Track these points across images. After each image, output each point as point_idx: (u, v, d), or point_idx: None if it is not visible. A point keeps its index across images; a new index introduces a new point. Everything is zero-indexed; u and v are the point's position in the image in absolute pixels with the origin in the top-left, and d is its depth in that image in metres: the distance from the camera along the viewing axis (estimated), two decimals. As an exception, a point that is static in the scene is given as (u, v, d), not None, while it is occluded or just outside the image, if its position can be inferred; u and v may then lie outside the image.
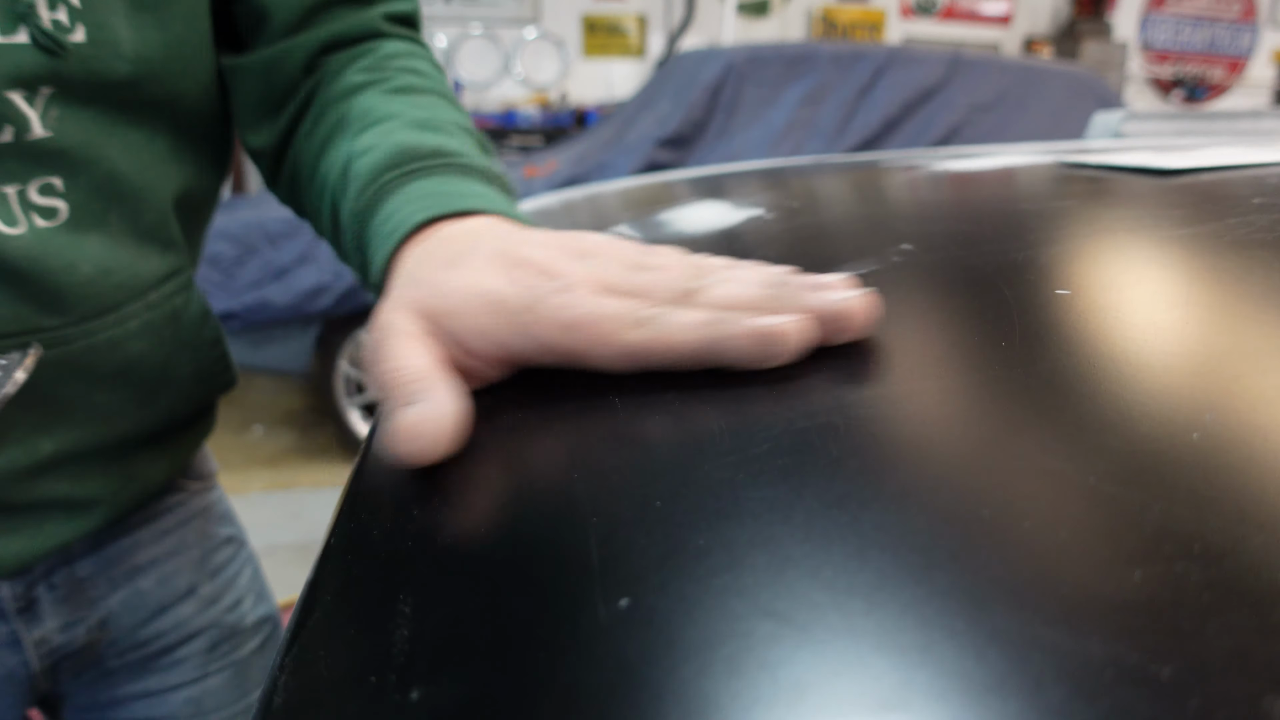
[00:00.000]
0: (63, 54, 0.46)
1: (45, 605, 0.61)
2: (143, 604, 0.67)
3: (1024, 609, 0.19)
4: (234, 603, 0.75)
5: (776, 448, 0.28)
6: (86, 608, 0.63)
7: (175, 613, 0.69)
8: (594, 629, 0.21)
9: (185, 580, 0.70)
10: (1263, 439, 0.25)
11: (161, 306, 0.56)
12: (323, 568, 0.29)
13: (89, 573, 0.63)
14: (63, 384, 0.52)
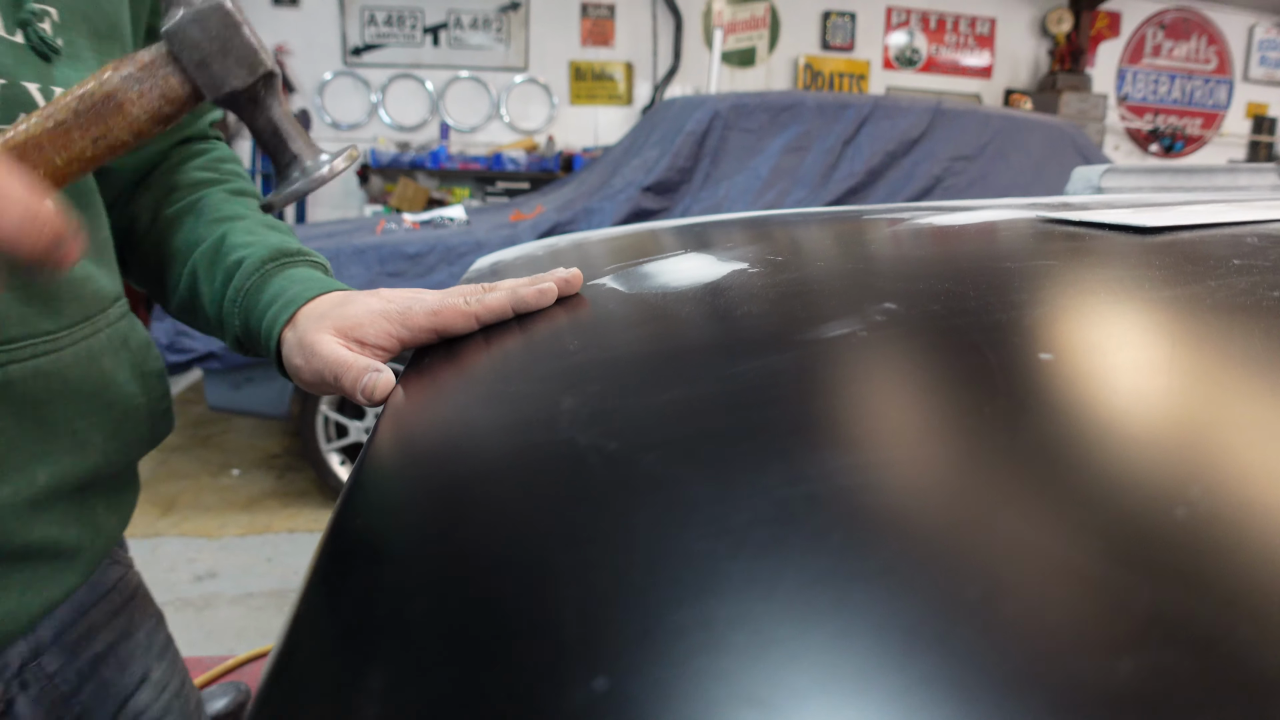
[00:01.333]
0: (54, 59, 0.51)
1: (21, 707, 0.60)
2: (109, 695, 0.67)
3: (1011, 699, 0.18)
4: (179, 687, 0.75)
5: (757, 517, 0.27)
6: (61, 706, 0.63)
7: (135, 702, 0.69)
8: (569, 712, 0.20)
9: (139, 666, 0.70)
10: (1249, 516, 0.25)
11: (118, 325, 0.64)
12: (292, 637, 0.28)
13: (57, 666, 0.62)
14: (53, 403, 0.56)
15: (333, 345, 0.56)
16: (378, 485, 0.38)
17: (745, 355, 0.43)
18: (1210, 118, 7.30)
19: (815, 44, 6.43)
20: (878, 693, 0.19)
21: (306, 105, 5.59)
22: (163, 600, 2.36)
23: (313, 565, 0.32)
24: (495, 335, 0.54)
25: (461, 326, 0.55)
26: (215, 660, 2.05)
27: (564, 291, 0.59)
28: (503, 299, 0.55)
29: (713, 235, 0.91)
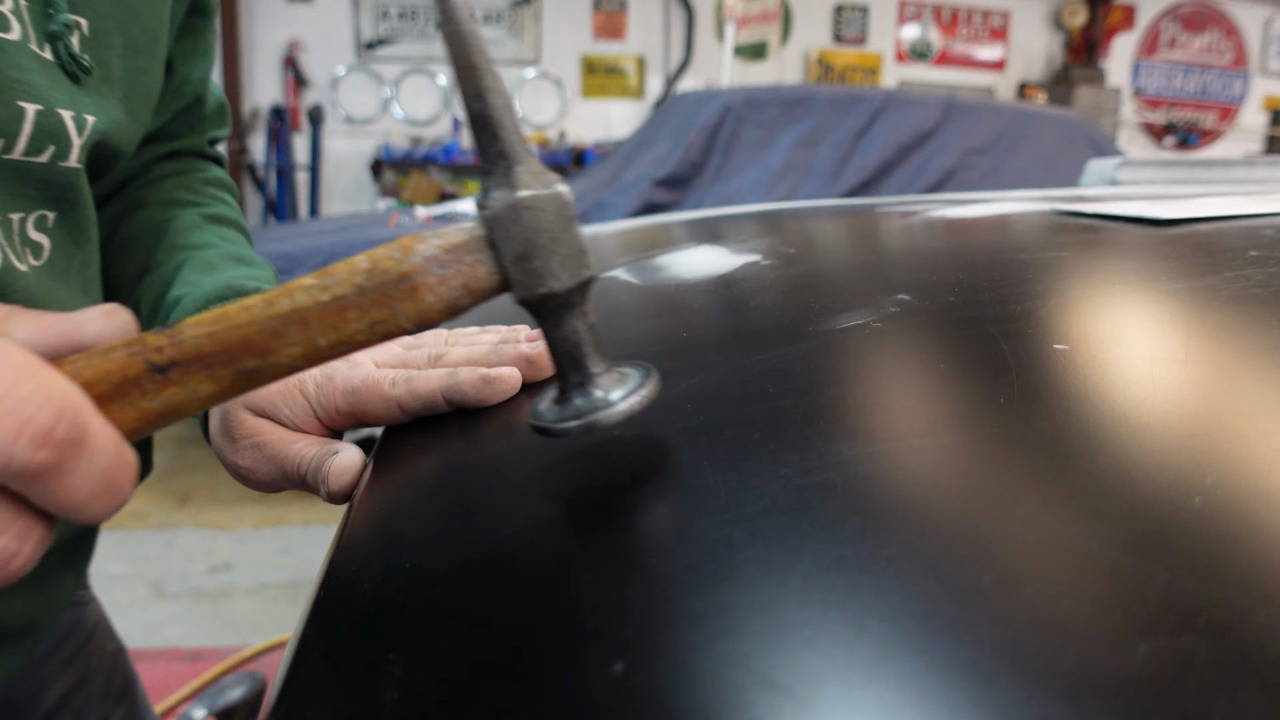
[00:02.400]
0: (83, 80, 0.46)
1: None
2: None
3: (1028, 684, 0.18)
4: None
5: (773, 505, 0.27)
6: None
7: None
8: (588, 696, 0.21)
9: (96, 714, 0.67)
10: (1265, 505, 0.25)
11: None
12: (312, 623, 0.28)
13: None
14: None
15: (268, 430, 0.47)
16: (395, 476, 0.38)
17: (760, 346, 0.43)
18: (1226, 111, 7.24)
19: (827, 37, 6.40)
20: (894, 676, 0.19)
21: (320, 100, 5.60)
22: (179, 591, 2.38)
23: (331, 553, 0.33)
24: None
25: (381, 412, 0.45)
26: (231, 650, 2.06)
27: (533, 375, 0.45)
28: (433, 387, 0.43)
29: (725, 228, 0.91)
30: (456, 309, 0.34)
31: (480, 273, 0.33)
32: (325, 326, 0.32)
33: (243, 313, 0.32)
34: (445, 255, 0.33)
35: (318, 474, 0.43)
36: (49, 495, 0.26)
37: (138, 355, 0.30)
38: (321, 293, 0.32)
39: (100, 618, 0.71)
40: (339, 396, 0.45)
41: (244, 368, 0.32)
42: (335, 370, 0.46)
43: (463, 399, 0.43)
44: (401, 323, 0.33)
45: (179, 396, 0.31)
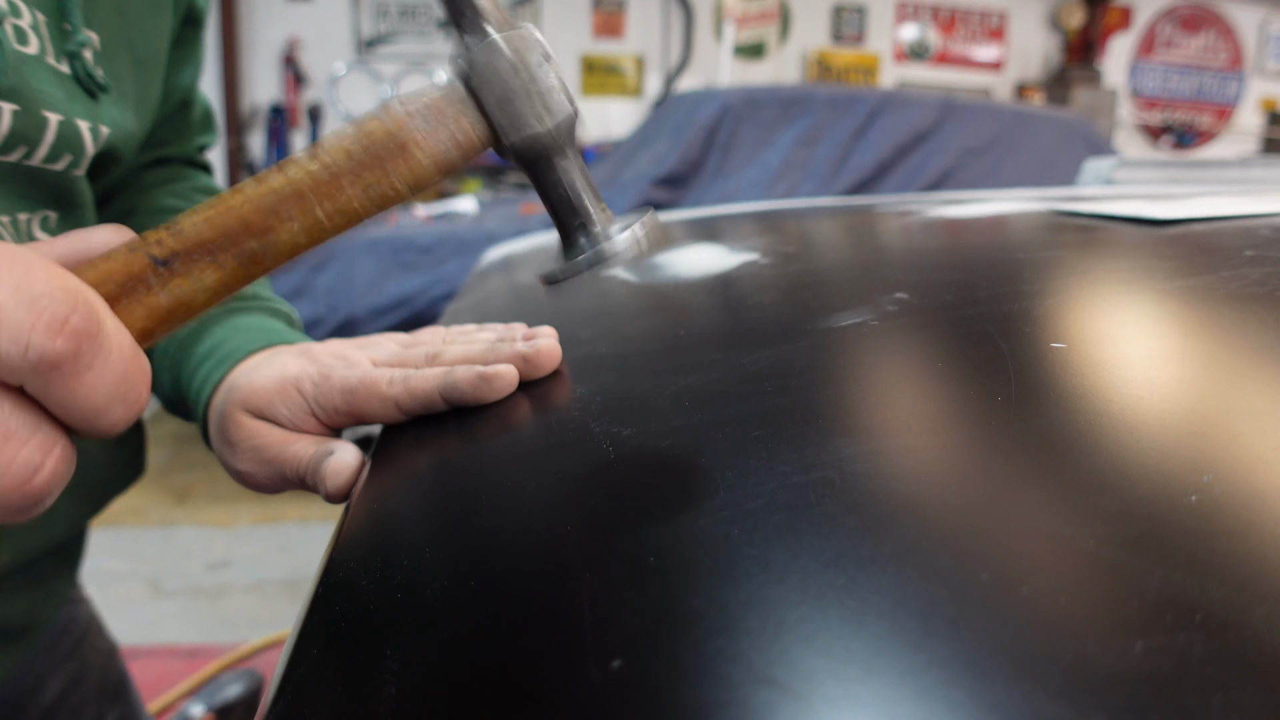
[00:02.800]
0: (100, 96, 0.48)
1: None
2: None
3: (1025, 680, 0.18)
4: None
5: (771, 502, 0.28)
6: None
7: None
8: (586, 691, 0.21)
9: (90, 714, 0.67)
10: (1261, 502, 0.25)
11: None
12: (310, 620, 0.28)
13: None
14: None
15: (264, 432, 0.46)
16: (393, 472, 0.38)
17: (758, 344, 0.43)
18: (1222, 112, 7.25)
19: (826, 37, 6.40)
20: (892, 673, 0.19)
21: (319, 98, 5.60)
22: (176, 588, 2.38)
23: (330, 550, 0.33)
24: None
25: (379, 411, 0.44)
26: (229, 648, 2.06)
27: (530, 373, 0.44)
28: (430, 385, 0.43)
29: (724, 227, 0.91)
30: (448, 165, 0.34)
31: (465, 124, 0.34)
32: (321, 196, 0.32)
33: (237, 195, 0.32)
34: (429, 110, 0.33)
35: (315, 474, 0.43)
36: (68, 394, 0.26)
37: (139, 251, 0.30)
38: (312, 163, 0.32)
39: (92, 616, 0.71)
40: (336, 395, 0.45)
41: (246, 249, 0.32)
42: (332, 369, 0.46)
43: (460, 397, 0.43)
44: (395, 184, 0.33)
45: (185, 288, 0.31)
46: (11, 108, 0.42)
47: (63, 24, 0.45)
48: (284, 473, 0.45)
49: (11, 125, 0.42)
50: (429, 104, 0.33)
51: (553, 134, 0.34)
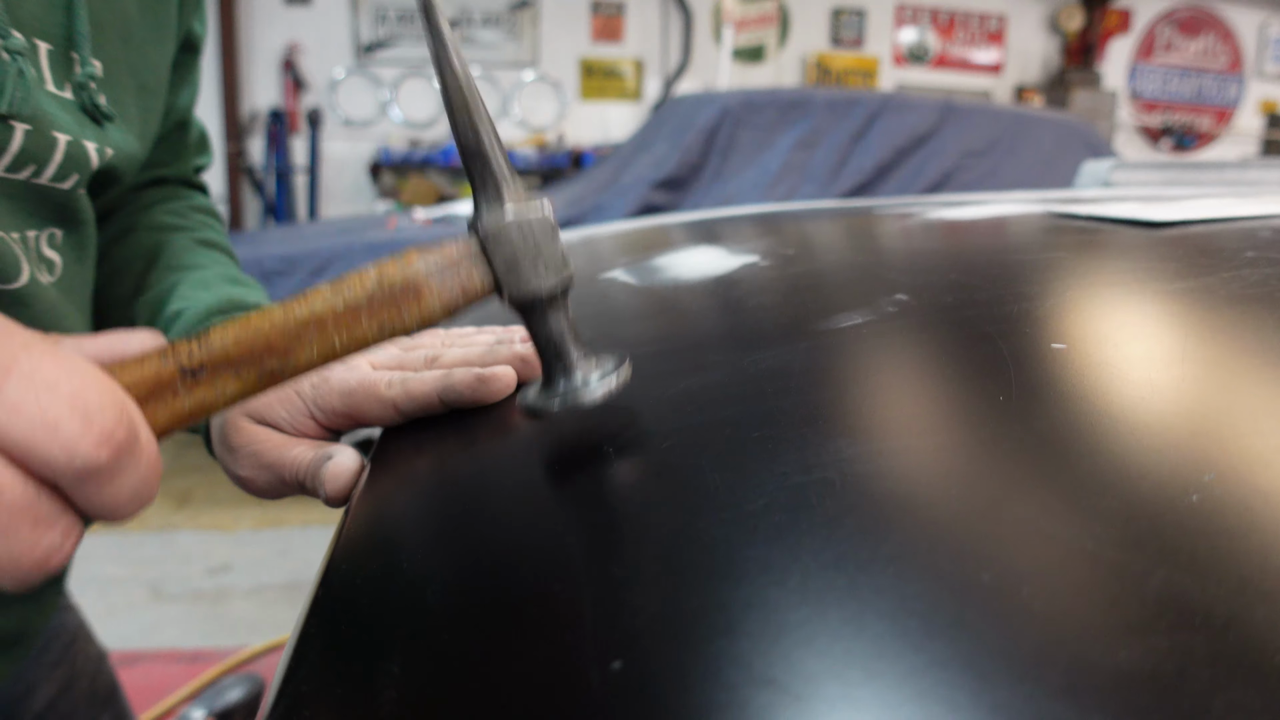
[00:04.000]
0: (105, 124, 0.49)
1: None
2: None
3: (1026, 681, 0.18)
4: None
5: (772, 503, 0.27)
6: None
7: None
8: (586, 693, 0.21)
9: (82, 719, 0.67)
10: (1262, 502, 0.25)
11: None
12: (310, 623, 0.28)
13: None
14: None
15: (265, 438, 0.47)
16: (392, 476, 0.38)
17: (758, 346, 0.43)
18: (1222, 114, 7.25)
19: (825, 41, 6.41)
20: (893, 674, 0.19)
21: (319, 103, 5.60)
22: (177, 592, 2.37)
23: (329, 554, 0.33)
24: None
25: (377, 414, 0.45)
26: (229, 652, 2.06)
27: (529, 374, 0.46)
28: (429, 388, 0.44)
29: (724, 230, 0.91)
30: (455, 309, 0.38)
31: (475, 279, 0.38)
32: (340, 328, 0.36)
33: (265, 319, 0.35)
34: (444, 262, 0.38)
35: (314, 478, 0.43)
36: (96, 495, 0.28)
37: (170, 361, 0.33)
38: (336, 299, 0.36)
39: (80, 623, 0.72)
40: (335, 398, 0.46)
41: (267, 367, 0.35)
42: (331, 372, 0.47)
43: (458, 399, 0.44)
44: (407, 323, 0.37)
45: (208, 395, 0.34)
46: (24, 128, 0.44)
47: (69, 53, 0.47)
48: (283, 477, 0.45)
49: (22, 144, 0.44)
50: (444, 256, 0.38)
51: (549, 293, 0.38)
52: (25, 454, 0.26)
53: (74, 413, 0.26)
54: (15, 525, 0.27)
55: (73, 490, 0.28)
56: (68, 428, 0.26)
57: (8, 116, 0.43)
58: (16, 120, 0.44)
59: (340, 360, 0.37)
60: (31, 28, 0.45)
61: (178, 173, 0.69)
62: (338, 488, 0.42)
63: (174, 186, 0.69)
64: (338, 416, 0.46)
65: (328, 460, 0.43)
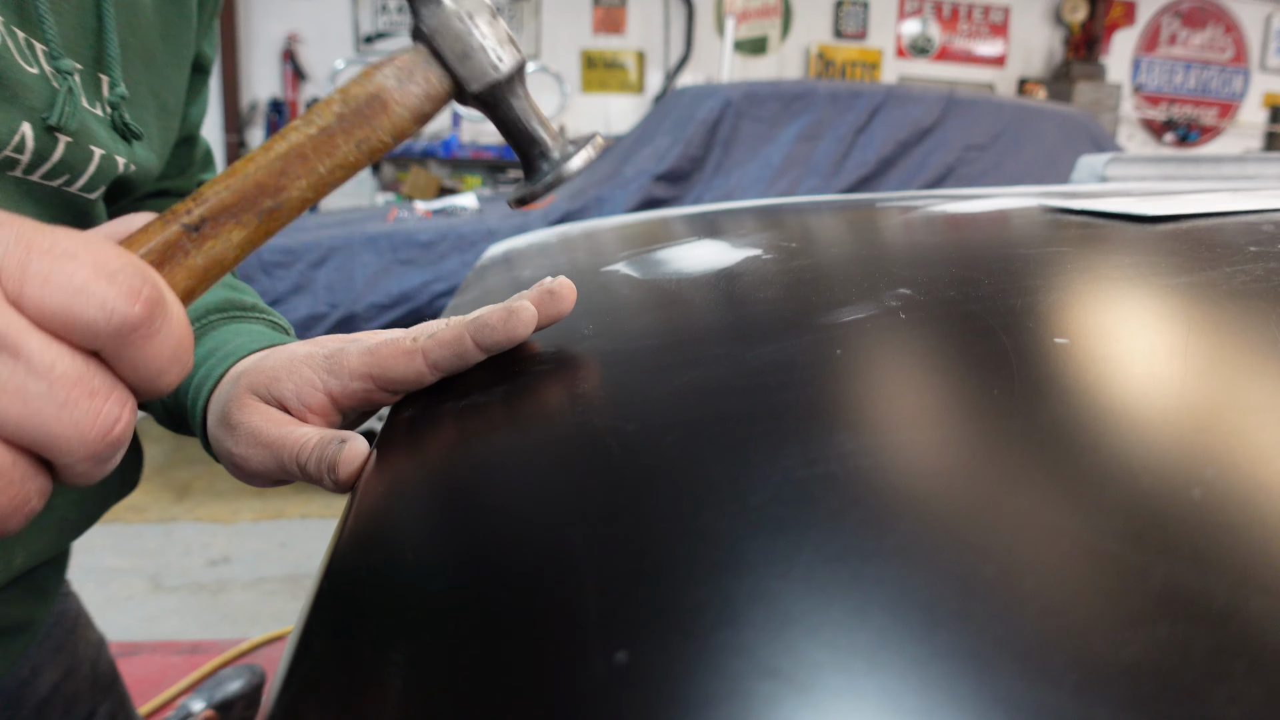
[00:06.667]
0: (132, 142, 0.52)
1: None
2: None
3: (1029, 672, 0.19)
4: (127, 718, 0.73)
5: (775, 496, 0.28)
6: None
7: None
8: (591, 684, 0.21)
9: (84, 706, 0.68)
10: (1264, 496, 0.25)
11: None
12: (315, 612, 0.28)
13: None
14: None
15: (267, 415, 0.45)
16: (397, 466, 0.39)
17: (762, 339, 0.43)
18: (1226, 107, 7.24)
19: (828, 32, 6.40)
20: (897, 665, 0.19)
21: (319, 93, 5.59)
22: (177, 584, 2.38)
23: (334, 543, 0.33)
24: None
25: (404, 369, 0.44)
26: (230, 643, 2.06)
27: (549, 314, 0.45)
28: (459, 330, 0.43)
29: (726, 223, 0.91)
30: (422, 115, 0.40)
31: (433, 79, 0.39)
32: (321, 154, 0.37)
33: (249, 164, 0.37)
34: (400, 70, 0.39)
35: (321, 461, 0.42)
36: (139, 357, 0.30)
37: (173, 223, 0.35)
38: (309, 127, 0.37)
39: (80, 609, 0.73)
40: (354, 359, 0.44)
41: (264, 207, 0.36)
42: (347, 340, 0.46)
43: (490, 335, 0.43)
44: (382, 135, 0.38)
45: (216, 247, 0.36)
46: (65, 140, 0.47)
47: (98, 74, 0.49)
48: (281, 458, 0.44)
49: (62, 155, 0.47)
50: (399, 64, 0.39)
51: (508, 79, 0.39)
52: (66, 322, 0.28)
53: (99, 275, 0.28)
54: (74, 398, 0.28)
55: (116, 356, 0.29)
56: (98, 289, 0.28)
57: (54, 129, 0.45)
58: (61, 133, 0.46)
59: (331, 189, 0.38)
60: (65, 49, 0.47)
61: (179, 186, 0.71)
62: (350, 472, 0.41)
63: (176, 199, 0.70)
64: (356, 380, 0.45)
65: (341, 444, 0.42)
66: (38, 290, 0.27)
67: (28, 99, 0.44)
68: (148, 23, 0.54)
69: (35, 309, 0.27)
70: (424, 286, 2.72)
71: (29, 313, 0.27)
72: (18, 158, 0.45)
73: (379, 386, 0.45)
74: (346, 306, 2.69)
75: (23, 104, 0.44)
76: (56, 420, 0.28)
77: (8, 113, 0.43)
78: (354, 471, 0.41)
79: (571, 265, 0.75)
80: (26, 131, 0.44)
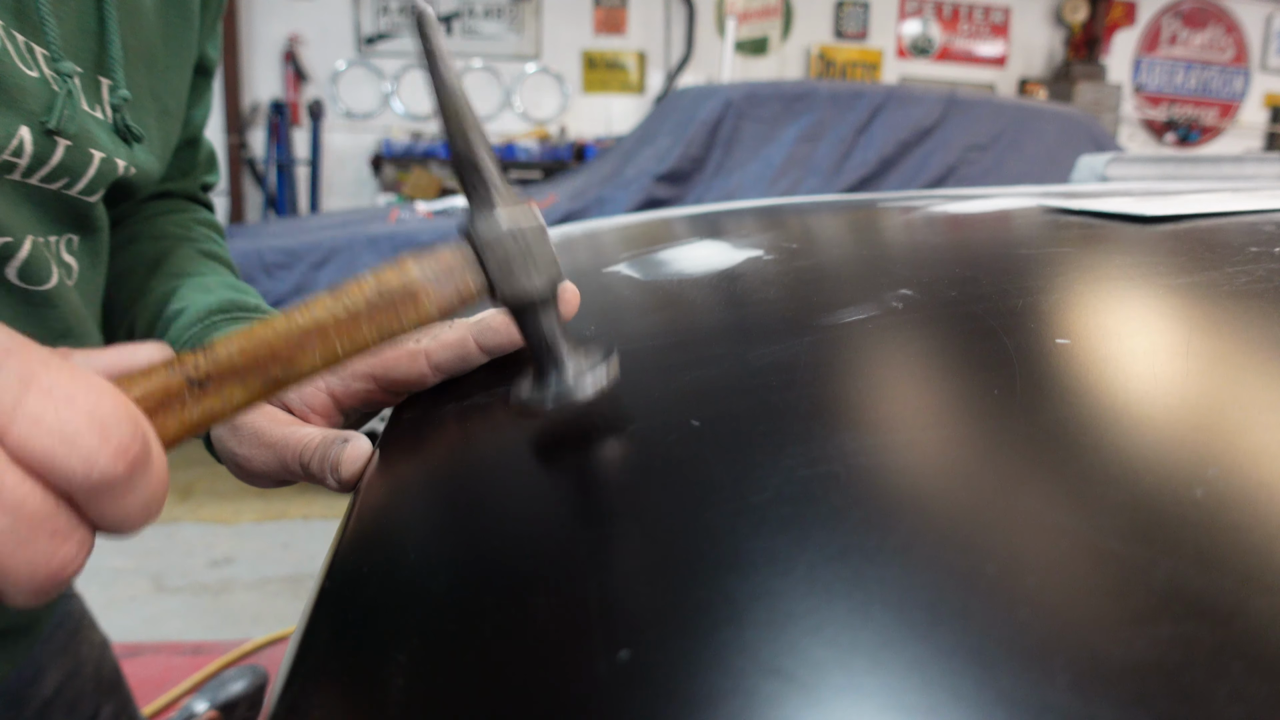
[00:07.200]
0: (133, 145, 0.52)
1: None
2: None
3: (1032, 671, 0.19)
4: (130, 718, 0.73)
5: (778, 496, 0.28)
6: None
7: None
8: (593, 683, 0.21)
9: (88, 707, 0.68)
10: (1266, 496, 0.25)
11: None
12: (317, 612, 0.29)
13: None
14: None
15: (270, 416, 0.46)
16: (399, 466, 0.39)
17: (763, 340, 0.43)
18: (1227, 108, 7.23)
19: (828, 33, 6.39)
20: (899, 663, 0.19)
21: (320, 95, 5.59)
22: (180, 585, 2.38)
23: (336, 543, 0.33)
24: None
25: (407, 370, 0.44)
26: (232, 644, 2.06)
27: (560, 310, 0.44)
28: (462, 332, 0.44)
29: (727, 223, 0.91)
30: (450, 312, 0.39)
31: (469, 283, 0.39)
32: (341, 334, 0.37)
33: (269, 329, 0.36)
34: (440, 267, 0.39)
35: (324, 461, 0.42)
36: (110, 507, 0.29)
37: (177, 373, 0.34)
38: (337, 306, 0.37)
39: (84, 610, 0.73)
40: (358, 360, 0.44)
41: (271, 375, 0.36)
42: None
43: (494, 338, 0.44)
44: (405, 325, 0.38)
45: (214, 405, 0.35)
46: (65, 144, 0.46)
47: (98, 77, 0.49)
48: (284, 459, 0.44)
49: (61, 158, 0.47)
50: (440, 263, 0.39)
51: (540, 293, 0.39)
52: (46, 466, 0.27)
53: (92, 426, 0.27)
54: (34, 536, 0.27)
55: (87, 503, 0.28)
56: (86, 441, 0.27)
57: (53, 132, 0.45)
58: (61, 136, 0.46)
59: (341, 365, 0.38)
60: (65, 52, 0.47)
61: (185, 188, 0.71)
62: (353, 472, 0.41)
63: (180, 200, 0.71)
64: (359, 381, 0.45)
65: (344, 444, 0.42)
66: (26, 430, 0.26)
67: (26, 103, 0.44)
68: (149, 25, 0.54)
69: (18, 447, 0.26)
70: (425, 287, 2.71)
71: (10, 449, 0.27)
72: (16, 161, 0.45)
73: (381, 387, 0.45)
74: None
75: (21, 108, 0.43)
76: (12, 556, 0.27)
77: (6, 116, 0.43)
78: (357, 471, 0.41)
79: (573, 266, 0.75)
80: (25, 135, 0.44)
